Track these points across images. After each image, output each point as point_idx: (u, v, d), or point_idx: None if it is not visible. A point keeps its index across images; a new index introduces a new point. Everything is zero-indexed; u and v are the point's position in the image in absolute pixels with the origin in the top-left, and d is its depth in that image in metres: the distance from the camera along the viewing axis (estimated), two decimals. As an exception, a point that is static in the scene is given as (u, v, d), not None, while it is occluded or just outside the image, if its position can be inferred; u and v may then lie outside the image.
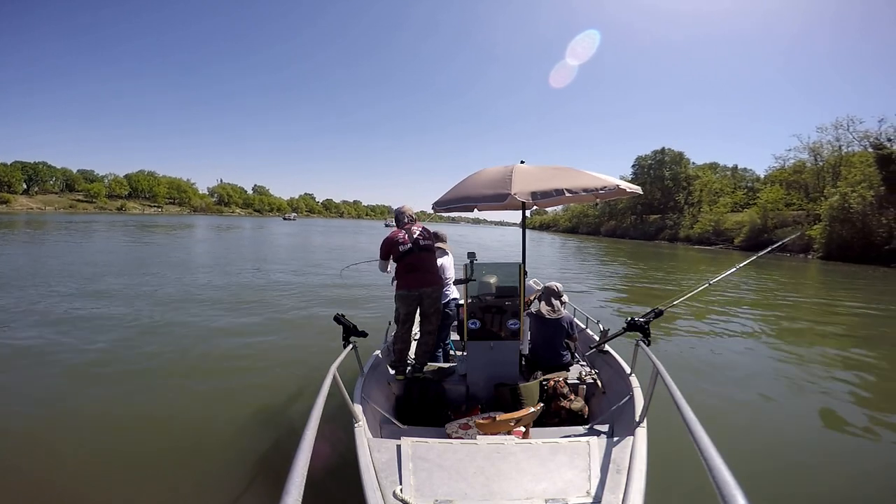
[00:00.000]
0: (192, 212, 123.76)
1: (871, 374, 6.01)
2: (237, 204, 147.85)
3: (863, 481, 3.40)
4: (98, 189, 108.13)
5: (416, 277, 3.71)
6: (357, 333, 3.26)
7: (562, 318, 3.90)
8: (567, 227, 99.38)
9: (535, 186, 3.49)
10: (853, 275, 21.60)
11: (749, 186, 61.58)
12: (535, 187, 3.48)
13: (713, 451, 1.24)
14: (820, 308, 11.78)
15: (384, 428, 3.00)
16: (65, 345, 6.03)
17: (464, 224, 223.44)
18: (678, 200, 65.42)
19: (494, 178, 3.74)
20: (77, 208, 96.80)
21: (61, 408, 4.26)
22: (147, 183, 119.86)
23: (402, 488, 2.02)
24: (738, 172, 69.53)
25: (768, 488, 3.15)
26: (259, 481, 3.13)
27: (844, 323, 9.78)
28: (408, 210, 4.00)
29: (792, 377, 5.73)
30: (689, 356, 6.47)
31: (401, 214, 3.97)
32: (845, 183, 33.89)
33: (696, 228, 54.85)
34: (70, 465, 3.32)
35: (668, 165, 69.26)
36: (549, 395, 3.38)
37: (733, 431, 4.03)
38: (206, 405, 4.41)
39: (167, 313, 7.98)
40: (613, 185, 3.61)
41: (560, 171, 3.76)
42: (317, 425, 1.64)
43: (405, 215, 3.94)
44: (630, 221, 74.91)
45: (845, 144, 42.61)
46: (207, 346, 6.22)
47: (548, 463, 2.19)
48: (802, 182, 45.95)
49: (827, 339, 8.10)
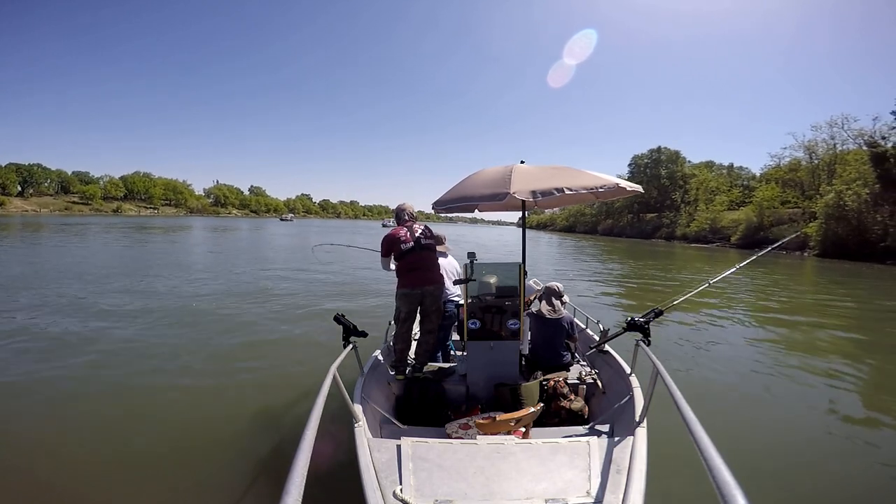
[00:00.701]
0: (189, 213, 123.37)
1: (872, 374, 6.04)
2: (233, 205, 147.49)
3: (863, 481, 3.40)
4: (93, 191, 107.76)
5: (418, 276, 3.71)
6: (357, 333, 3.25)
7: (562, 318, 3.89)
8: (564, 226, 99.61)
9: (535, 186, 3.47)
10: (851, 272, 21.71)
11: (745, 184, 61.87)
12: (534, 186, 3.47)
13: (713, 451, 1.24)
14: (819, 306, 11.81)
15: (384, 428, 2.99)
16: (65, 345, 6.01)
17: (461, 224, 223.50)
18: (675, 199, 65.67)
19: (494, 177, 3.72)
20: (72, 210, 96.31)
21: (61, 408, 4.26)
22: (143, 184, 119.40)
23: (402, 488, 2.02)
24: (734, 171, 69.89)
25: (768, 488, 3.15)
26: (259, 481, 3.12)
27: (843, 321, 9.81)
28: (408, 207, 3.98)
29: (792, 376, 5.74)
30: (689, 356, 6.48)
31: (401, 212, 3.95)
32: (840, 181, 34.18)
33: (692, 227, 55.12)
34: (70, 465, 3.32)
35: (664, 164, 69.59)
36: (549, 395, 3.38)
37: (733, 431, 4.02)
38: (206, 405, 4.41)
39: (166, 314, 7.94)
40: (613, 184, 3.62)
41: (560, 171, 3.75)
42: (317, 425, 1.64)
43: (405, 212, 3.93)
44: (627, 220, 75.22)
45: (840, 142, 43.02)
46: (207, 347, 6.21)
47: (548, 463, 2.19)
48: (798, 180, 46.24)
49: (826, 339, 8.14)
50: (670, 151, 70.69)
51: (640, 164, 73.18)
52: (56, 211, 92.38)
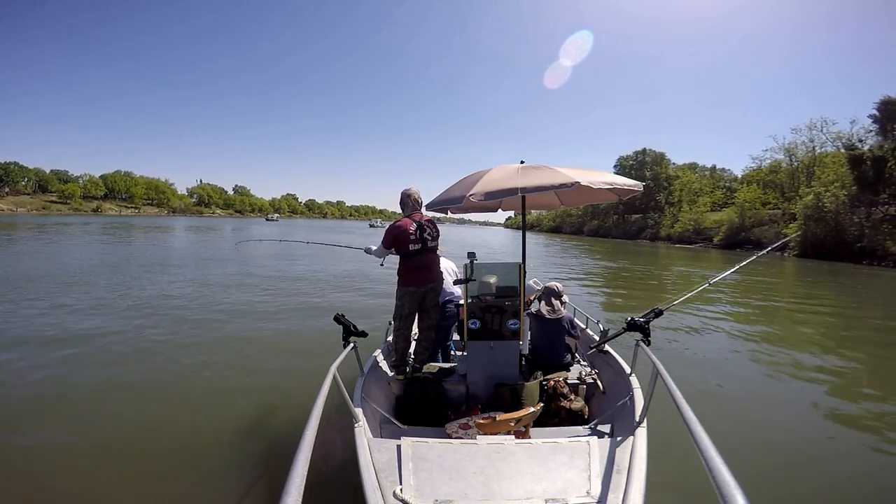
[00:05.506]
0: (171, 213, 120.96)
1: (872, 374, 6.15)
2: (217, 205, 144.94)
3: (863, 481, 3.44)
4: (73, 190, 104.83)
5: (423, 275, 3.68)
6: (357, 333, 3.24)
7: (562, 318, 3.90)
8: (551, 226, 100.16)
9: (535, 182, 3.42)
10: (835, 272, 22.24)
11: (727, 186, 63.02)
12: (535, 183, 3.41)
13: (713, 451, 1.25)
14: (818, 306, 11.92)
15: (384, 428, 2.99)
16: (64, 344, 5.95)
17: (448, 224, 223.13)
18: (659, 200, 66.52)
19: (494, 178, 3.68)
20: (50, 210, 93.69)
21: (61, 408, 4.22)
22: (124, 183, 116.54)
23: (402, 488, 2.02)
24: (716, 172, 71.14)
25: (768, 488, 3.18)
26: (259, 481, 3.11)
27: (843, 322, 9.93)
28: (414, 193, 3.78)
29: (793, 376, 5.79)
30: (688, 356, 6.52)
31: (406, 198, 3.76)
32: (819, 183, 35.00)
33: (676, 228, 55.88)
34: (70, 465, 3.29)
35: (648, 166, 70.45)
36: (549, 395, 3.39)
37: (733, 431, 4.05)
38: (206, 406, 4.38)
39: (164, 315, 7.82)
40: (610, 183, 3.63)
41: (559, 171, 3.71)
42: (317, 425, 1.64)
43: (411, 198, 3.75)
44: (612, 221, 76.06)
45: (819, 145, 44.11)
46: (206, 348, 6.14)
47: (548, 463, 2.20)
48: (778, 182, 47.19)
49: (826, 339, 8.24)
50: (655, 153, 71.75)
51: (626, 165, 73.96)
52: (33, 210, 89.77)
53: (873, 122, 36.23)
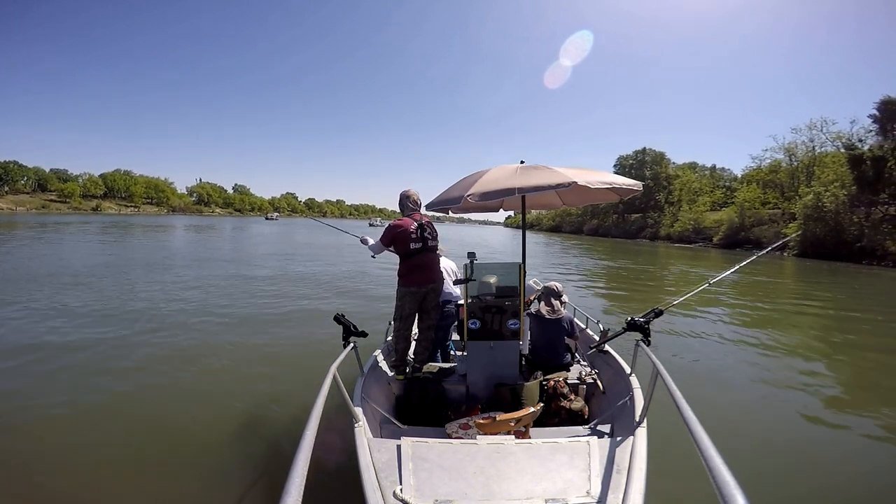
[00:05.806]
0: (171, 212, 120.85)
1: (872, 374, 6.14)
2: (217, 204, 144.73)
3: (863, 481, 3.44)
4: (72, 189, 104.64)
5: (424, 275, 3.69)
6: (357, 333, 3.23)
7: (562, 318, 3.90)
8: (550, 226, 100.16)
9: (533, 182, 3.42)
10: (834, 272, 22.20)
11: (727, 186, 63.01)
12: (532, 183, 3.41)
13: (713, 451, 1.25)
14: (817, 306, 11.93)
15: (384, 428, 2.99)
16: (64, 345, 5.96)
17: (448, 223, 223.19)
18: (659, 199, 66.53)
19: (493, 178, 3.69)
20: (50, 209, 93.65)
21: (61, 408, 4.22)
22: (123, 182, 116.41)
23: (402, 488, 2.02)
24: (716, 172, 71.10)
25: (768, 488, 3.18)
26: (259, 481, 3.12)
27: (842, 322, 9.93)
28: (413, 194, 3.81)
29: (792, 376, 5.79)
30: (688, 356, 6.52)
31: (405, 199, 3.79)
32: (819, 182, 35.01)
33: (676, 227, 55.92)
34: (70, 465, 3.30)
35: (648, 165, 70.47)
36: (549, 395, 3.40)
37: (733, 431, 4.05)
38: (206, 406, 4.38)
39: (164, 316, 7.82)
40: (609, 182, 3.63)
41: (558, 171, 3.72)
42: (317, 425, 1.64)
43: (410, 199, 3.78)
44: (612, 220, 76.03)
45: (819, 145, 44.09)
46: (206, 348, 6.13)
47: (548, 463, 2.20)
48: (778, 182, 47.16)
49: (826, 339, 8.27)
50: (655, 152, 71.77)
51: (626, 164, 73.96)
52: (33, 209, 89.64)
53: (873, 122, 36.21)
